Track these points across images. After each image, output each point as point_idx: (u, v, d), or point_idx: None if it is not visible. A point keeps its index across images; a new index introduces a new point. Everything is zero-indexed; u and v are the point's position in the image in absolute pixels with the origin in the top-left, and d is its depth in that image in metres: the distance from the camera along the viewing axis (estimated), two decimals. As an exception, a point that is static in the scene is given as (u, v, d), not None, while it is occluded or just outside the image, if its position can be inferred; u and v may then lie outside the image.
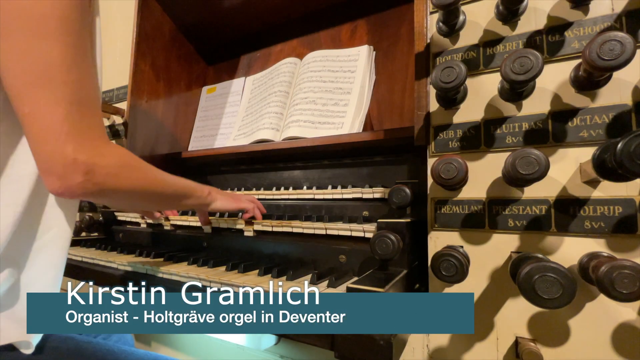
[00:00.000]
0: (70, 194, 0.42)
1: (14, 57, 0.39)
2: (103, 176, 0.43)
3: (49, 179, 0.41)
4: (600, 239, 0.46)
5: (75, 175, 0.41)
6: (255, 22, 1.23)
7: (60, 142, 0.40)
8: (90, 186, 0.42)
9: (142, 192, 0.52)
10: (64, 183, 0.41)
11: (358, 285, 0.46)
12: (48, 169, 0.41)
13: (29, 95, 0.39)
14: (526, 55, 0.45)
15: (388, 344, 0.40)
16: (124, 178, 0.47)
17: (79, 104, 0.42)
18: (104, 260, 0.82)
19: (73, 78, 0.41)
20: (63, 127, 0.40)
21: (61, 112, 0.40)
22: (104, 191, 0.45)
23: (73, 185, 0.41)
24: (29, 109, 0.39)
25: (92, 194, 0.44)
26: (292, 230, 0.75)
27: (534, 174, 0.42)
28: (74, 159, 0.40)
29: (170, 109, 1.24)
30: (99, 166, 0.43)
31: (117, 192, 0.47)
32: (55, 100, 0.40)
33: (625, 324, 0.45)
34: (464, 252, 0.52)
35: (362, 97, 0.96)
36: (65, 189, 0.41)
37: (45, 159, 0.41)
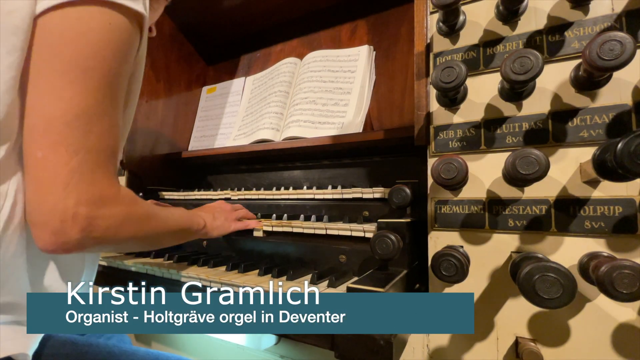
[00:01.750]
0: (62, 250, 0.38)
1: (41, 99, 0.37)
2: (103, 230, 0.40)
3: (41, 233, 0.38)
4: (600, 239, 0.46)
5: (73, 231, 0.37)
6: (255, 22, 1.23)
7: (65, 192, 0.36)
8: (86, 242, 0.39)
9: (141, 239, 0.49)
10: (58, 239, 0.37)
11: (358, 285, 0.46)
12: (43, 222, 0.37)
13: (48, 141, 0.36)
14: (526, 55, 0.45)
15: (388, 344, 0.40)
16: (125, 230, 0.44)
17: (97, 153, 0.39)
18: (104, 260, 0.82)
19: (99, 129, 0.39)
20: (73, 178, 0.37)
21: (76, 162, 0.37)
22: (101, 244, 0.42)
23: (67, 242, 0.38)
24: (43, 154, 0.36)
25: (87, 249, 0.40)
26: (292, 230, 0.75)
27: (534, 174, 0.42)
28: (75, 212, 0.37)
29: (170, 109, 1.24)
30: (100, 220, 0.40)
31: (114, 242, 0.44)
32: (75, 151, 0.37)
33: (625, 324, 0.45)
34: (464, 252, 0.52)
35: (362, 97, 0.96)
36: (59, 245, 0.38)
37: (43, 211, 0.37)
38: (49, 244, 0.38)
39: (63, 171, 0.36)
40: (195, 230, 0.66)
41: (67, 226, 0.37)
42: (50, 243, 0.38)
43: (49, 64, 0.37)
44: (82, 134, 0.37)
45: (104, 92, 0.39)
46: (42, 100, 0.37)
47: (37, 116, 0.37)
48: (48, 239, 0.37)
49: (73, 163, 0.37)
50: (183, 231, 0.62)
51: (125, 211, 0.44)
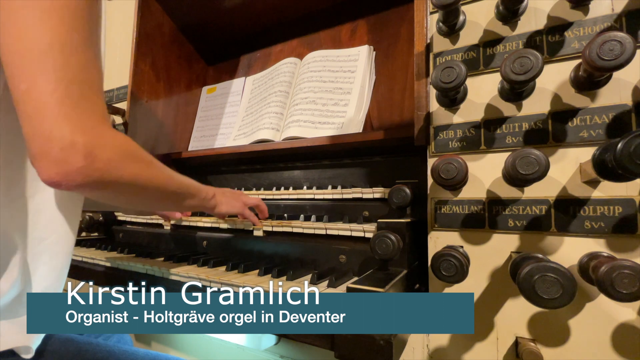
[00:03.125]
0: (67, 181, 0.37)
1: (18, 34, 0.37)
2: (104, 162, 0.39)
3: (43, 163, 0.37)
4: (600, 239, 0.46)
5: (74, 158, 0.37)
6: (255, 22, 1.23)
7: (58, 121, 0.36)
8: (91, 172, 0.38)
9: (144, 187, 0.48)
10: (61, 168, 0.37)
11: (358, 285, 0.46)
12: (43, 152, 0.36)
13: (28, 72, 0.36)
14: (526, 55, 0.45)
15: (388, 344, 0.40)
16: (127, 167, 0.43)
17: (80, 84, 0.38)
18: (104, 260, 0.82)
19: (76, 60, 0.38)
20: (62, 106, 0.36)
21: (61, 91, 0.36)
22: (105, 181, 0.40)
23: (71, 171, 0.37)
24: (26, 86, 0.36)
25: (91, 184, 0.39)
26: (292, 230, 0.75)
27: (534, 174, 0.42)
28: (72, 140, 0.36)
29: (171, 109, 1.24)
30: (100, 150, 0.39)
31: (118, 183, 0.42)
32: (56, 79, 0.37)
33: (625, 324, 0.45)
34: (464, 252, 0.52)
35: (362, 97, 0.96)
36: (63, 175, 0.37)
37: (41, 140, 0.36)
38: (53, 174, 0.37)
39: (50, 100, 0.36)
40: (204, 197, 0.64)
41: (67, 154, 0.36)
42: (54, 173, 0.37)
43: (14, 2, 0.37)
44: (61, 64, 0.37)
45: (77, 25, 0.39)
46: (14, 36, 0.37)
47: (12, 52, 0.37)
48: (51, 169, 0.37)
49: (59, 92, 0.36)
50: (190, 194, 0.60)
51: (125, 148, 0.43)
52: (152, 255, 0.83)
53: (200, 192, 0.62)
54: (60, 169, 0.37)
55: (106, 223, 1.17)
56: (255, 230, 0.82)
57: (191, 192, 0.60)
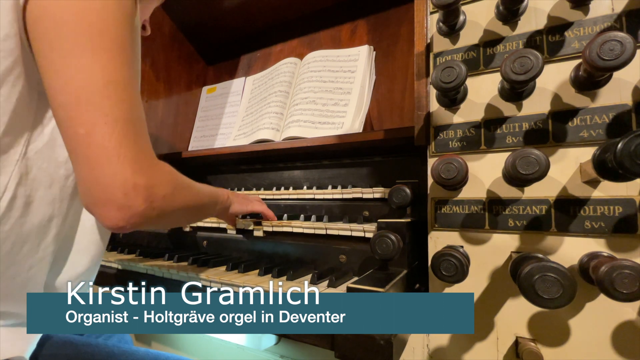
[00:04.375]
0: (131, 224, 0.38)
1: (68, 75, 0.36)
2: (161, 200, 0.40)
3: (106, 211, 0.36)
4: (600, 239, 0.46)
5: (137, 202, 0.36)
6: (255, 22, 1.23)
7: (119, 165, 0.35)
8: (150, 212, 0.38)
9: (188, 210, 0.49)
10: (125, 213, 0.36)
11: (358, 285, 0.46)
12: (106, 200, 0.36)
13: (85, 115, 0.35)
14: (526, 55, 0.45)
15: (388, 344, 0.40)
16: (177, 198, 0.43)
17: (134, 123, 0.38)
18: (104, 260, 0.82)
19: (127, 97, 0.38)
20: (121, 149, 0.36)
21: (118, 132, 0.36)
22: (161, 215, 0.41)
23: (135, 215, 0.37)
24: (85, 130, 0.35)
25: (150, 221, 0.40)
26: (292, 230, 0.75)
27: (534, 174, 0.42)
28: (134, 183, 0.36)
29: (171, 109, 1.24)
30: (157, 189, 0.39)
31: (171, 214, 0.43)
32: (114, 121, 0.36)
33: (625, 324, 0.45)
34: (464, 252, 0.52)
35: (362, 97, 0.96)
36: (127, 220, 0.37)
37: (103, 187, 0.36)
38: (118, 219, 0.37)
39: (110, 143, 0.35)
40: (222, 201, 0.66)
41: (130, 198, 0.36)
42: (118, 219, 0.37)
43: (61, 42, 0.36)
44: (115, 103, 0.37)
45: (124, 60, 0.38)
46: (66, 78, 0.36)
47: (65, 94, 0.36)
48: (115, 215, 0.37)
49: (116, 134, 0.36)
50: (214, 202, 0.62)
51: (173, 179, 0.44)
52: (152, 255, 0.83)
53: (220, 196, 0.65)
54: (124, 214, 0.37)
55: (106, 223, 1.16)
56: (255, 231, 0.82)
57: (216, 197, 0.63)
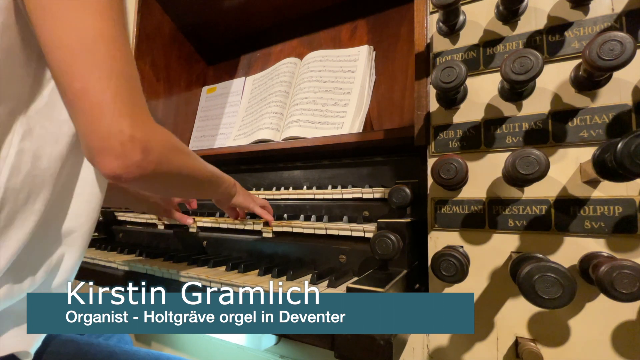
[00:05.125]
0: (127, 174, 0.39)
1: (64, 30, 0.37)
2: (157, 155, 0.41)
3: (105, 159, 0.38)
4: (600, 239, 0.46)
5: (134, 153, 0.38)
6: (255, 22, 1.23)
7: (115, 117, 0.37)
8: (147, 165, 0.40)
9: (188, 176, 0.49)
10: (123, 162, 0.38)
11: (358, 285, 0.46)
12: (104, 148, 0.37)
13: (79, 68, 0.37)
14: (526, 55, 0.45)
15: (388, 344, 0.40)
16: (175, 159, 0.45)
17: (127, 79, 0.39)
18: (104, 260, 0.82)
19: (119, 52, 0.39)
20: (116, 103, 0.37)
21: (114, 87, 0.37)
22: (157, 173, 0.42)
23: (132, 165, 0.38)
24: (81, 85, 0.37)
25: (147, 176, 0.41)
26: (292, 230, 0.75)
27: (534, 174, 0.42)
28: (131, 135, 0.38)
29: (170, 109, 1.24)
30: (153, 144, 0.40)
31: (167, 174, 0.44)
32: (107, 74, 0.37)
33: (625, 324, 0.45)
34: (464, 252, 0.52)
35: (362, 97, 0.96)
36: (124, 168, 0.38)
37: (101, 137, 0.37)
38: (115, 167, 0.38)
39: (105, 97, 0.37)
40: (227, 186, 0.66)
41: (127, 148, 0.37)
42: (116, 167, 0.38)
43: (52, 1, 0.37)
44: (108, 57, 0.38)
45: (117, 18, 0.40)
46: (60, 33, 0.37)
47: (59, 50, 0.37)
48: (113, 164, 0.38)
49: (111, 87, 0.37)
50: (217, 182, 0.62)
51: (172, 140, 0.45)
52: (152, 255, 0.83)
53: (226, 180, 0.65)
54: (121, 162, 0.38)
55: (106, 223, 1.16)
56: (256, 231, 0.82)
57: (221, 179, 0.63)
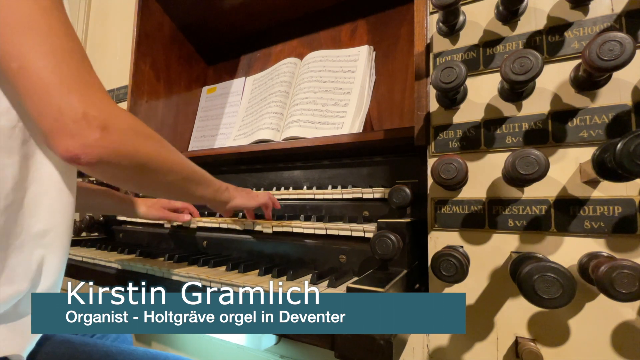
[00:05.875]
0: (86, 154, 0.36)
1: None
2: (119, 134, 0.38)
3: (59, 139, 0.35)
4: (600, 239, 0.46)
5: (90, 130, 0.35)
6: (255, 22, 1.23)
7: (64, 94, 0.34)
8: (107, 144, 0.36)
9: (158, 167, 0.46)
10: (78, 141, 0.35)
11: (358, 285, 0.46)
12: (56, 128, 0.35)
13: (15, 47, 0.34)
14: (526, 55, 0.45)
15: (388, 344, 0.40)
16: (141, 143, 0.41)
17: (71, 53, 0.36)
18: (104, 260, 0.82)
19: (60, 28, 0.36)
20: (62, 78, 0.35)
21: (55, 61, 0.35)
22: (121, 156, 0.39)
23: (89, 143, 0.35)
24: (18, 63, 0.34)
25: (109, 157, 0.37)
26: (292, 230, 0.75)
27: (534, 174, 0.42)
28: (84, 112, 0.35)
29: (171, 109, 1.24)
30: (114, 122, 0.37)
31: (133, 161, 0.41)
32: (47, 50, 0.34)
33: (625, 324, 0.45)
34: (464, 252, 0.52)
35: (362, 97, 0.96)
36: (81, 147, 0.35)
37: (51, 116, 0.34)
38: (71, 147, 0.35)
39: (45, 74, 0.34)
40: (217, 188, 0.62)
41: (82, 126, 0.35)
42: (71, 146, 0.35)
43: None
44: (47, 33, 0.35)
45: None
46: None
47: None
48: (68, 143, 0.35)
49: (52, 64, 0.35)
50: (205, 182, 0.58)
51: (135, 123, 0.42)
52: (152, 255, 0.83)
53: (213, 182, 0.61)
54: (77, 141, 0.35)
55: (106, 223, 1.17)
56: (256, 231, 0.82)
57: (205, 179, 0.58)
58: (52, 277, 0.48)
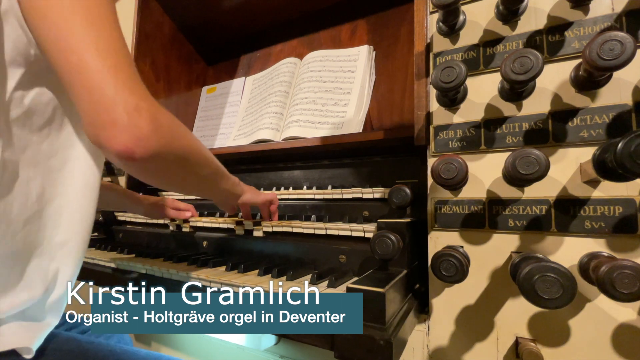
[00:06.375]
0: (140, 148, 0.36)
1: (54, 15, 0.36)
2: (167, 127, 0.39)
3: (112, 133, 0.35)
4: (600, 239, 0.46)
5: (143, 122, 0.36)
6: (255, 22, 1.23)
7: (118, 87, 0.36)
8: (159, 137, 0.37)
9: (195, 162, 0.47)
10: (132, 133, 0.35)
11: (358, 285, 0.46)
12: (110, 121, 0.35)
13: (76, 43, 0.35)
14: (526, 55, 0.45)
15: (388, 344, 0.40)
16: (184, 137, 0.43)
17: (124, 55, 0.38)
18: (104, 260, 0.82)
19: (114, 31, 0.39)
20: (118, 73, 0.36)
21: (113, 59, 0.36)
22: (170, 149, 0.40)
23: (143, 136, 0.36)
24: (77, 57, 0.35)
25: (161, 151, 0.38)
26: (292, 230, 0.75)
27: (534, 174, 0.42)
28: (137, 104, 0.36)
29: (170, 109, 1.23)
30: (160, 115, 0.38)
31: (178, 154, 0.42)
32: (105, 47, 0.36)
33: (625, 324, 0.45)
34: (464, 252, 0.52)
35: (362, 97, 0.96)
36: (135, 141, 0.36)
37: (105, 109, 0.35)
38: (126, 140, 0.36)
39: (104, 67, 0.36)
40: (233, 182, 0.63)
41: (134, 118, 0.36)
42: (126, 140, 0.35)
43: None
44: (105, 32, 0.37)
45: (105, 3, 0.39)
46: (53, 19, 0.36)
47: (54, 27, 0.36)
48: (122, 136, 0.35)
49: (109, 60, 0.36)
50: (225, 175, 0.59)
51: (174, 118, 0.43)
52: (152, 255, 0.83)
53: (230, 176, 0.62)
54: (131, 134, 0.36)
55: (106, 223, 1.16)
56: (255, 231, 0.82)
57: (225, 173, 0.60)
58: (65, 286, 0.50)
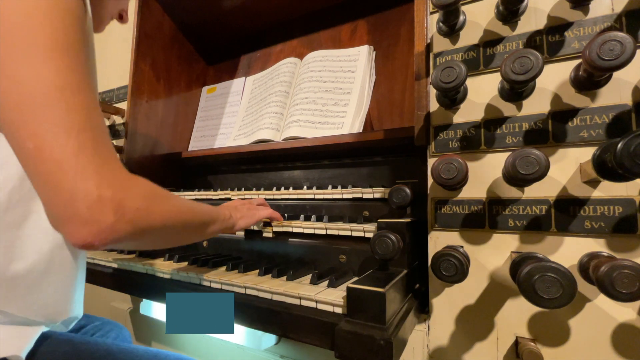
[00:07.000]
0: (100, 241, 0.34)
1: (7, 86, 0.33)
2: (134, 212, 0.36)
3: (71, 228, 0.33)
4: (600, 239, 0.46)
5: (104, 216, 0.33)
6: (255, 22, 1.23)
7: (78, 176, 0.33)
8: (122, 226, 0.35)
9: (174, 226, 0.44)
10: (92, 229, 0.33)
11: (358, 285, 0.46)
12: (69, 216, 0.33)
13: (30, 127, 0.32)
14: (526, 55, 0.45)
15: (388, 343, 0.40)
16: (156, 210, 0.40)
17: (91, 131, 0.35)
18: (104, 260, 0.82)
19: (78, 103, 0.35)
20: (79, 160, 0.33)
21: (73, 143, 0.33)
22: (138, 231, 0.37)
23: (103, 230, 0.34)
24: (34, 144, 0.32)
25: (125, 237, 0.36)
26: (292, 230, 0.75)
27: (534, 174, 0.42)
28: (99, 195, 0.33)
29: (170, 109, 1.24)
30: (128, 201, 0.36)
31: (150, 229, 0.40)
32: (65, 129, 0.33)
33: (625, 324, 0.45)
34: (464, 252, 0.52)
35: (362, 97, 0.96)
36: (94, 235, 0.34)
37: (64, 203, 0.33)
38: (85, 235, 0.33)
39: (63, 155, 0.33)
40: (222, 219, 0.61)
41: (95, 212, 0.33)
42: (85, 235, 0.33)
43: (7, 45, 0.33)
44: (66, 110, 0.34)
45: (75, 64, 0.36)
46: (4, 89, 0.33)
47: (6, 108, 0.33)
48: (81, 232, 0.33)
49: (70, 145, 0.33)
50: (212, 219, 0.57)
51: (149, 192, 0.40)
52: (152, 255, 0.83)
53: (219, 215, 0.60)
54: (91, 229, 0.33)
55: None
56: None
57: (212, 217, 0.57)
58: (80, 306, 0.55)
